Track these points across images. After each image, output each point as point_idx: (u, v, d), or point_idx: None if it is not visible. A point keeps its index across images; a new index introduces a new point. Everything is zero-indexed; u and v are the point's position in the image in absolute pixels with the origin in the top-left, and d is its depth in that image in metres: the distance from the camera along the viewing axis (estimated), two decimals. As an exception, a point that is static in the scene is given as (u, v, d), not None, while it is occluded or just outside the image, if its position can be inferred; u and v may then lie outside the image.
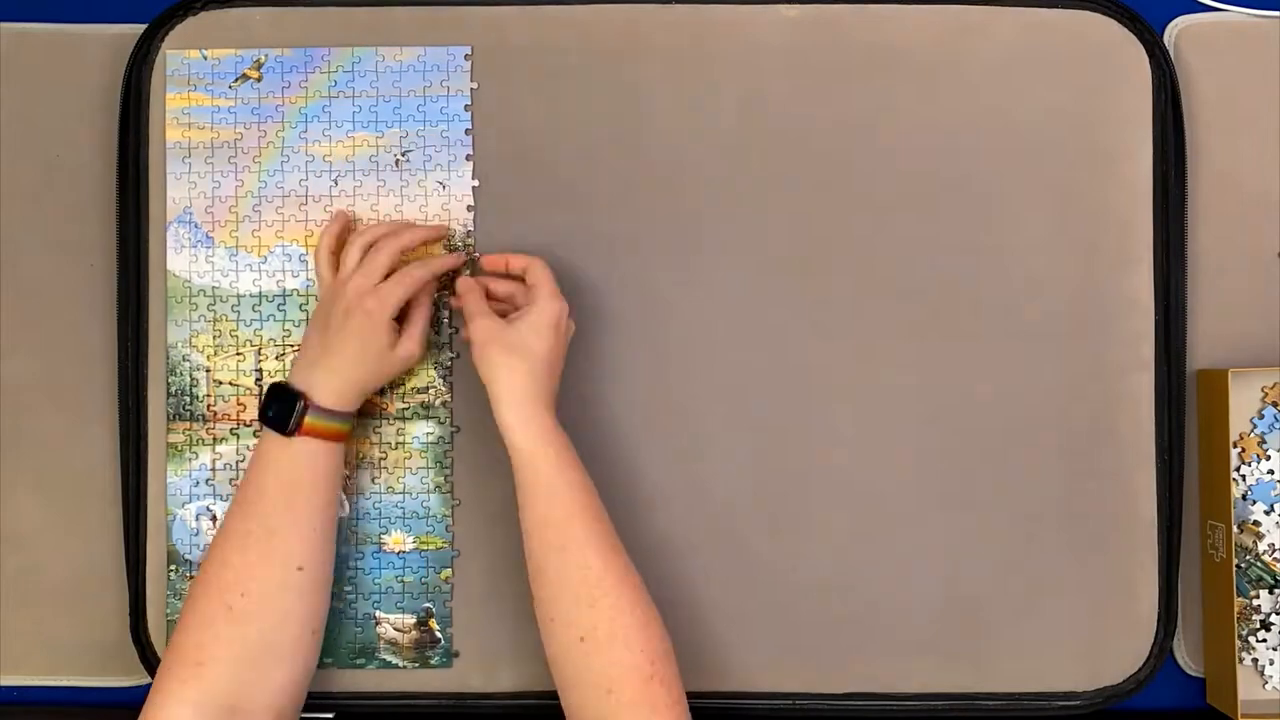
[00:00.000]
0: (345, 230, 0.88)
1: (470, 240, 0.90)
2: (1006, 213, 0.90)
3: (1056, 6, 0.90)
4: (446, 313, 0.90)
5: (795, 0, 0.90)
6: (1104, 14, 0.90)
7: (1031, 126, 0.90)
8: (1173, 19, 0.92)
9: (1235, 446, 0.89)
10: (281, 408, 0.81)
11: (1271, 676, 0.89)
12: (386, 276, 0.83)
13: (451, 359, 0.90)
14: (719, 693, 0.87)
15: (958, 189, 0.90)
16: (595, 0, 0.90)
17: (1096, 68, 0.90)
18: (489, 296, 0.86)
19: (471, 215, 0.90)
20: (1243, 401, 0.89)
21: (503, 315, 0.84)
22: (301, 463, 0.81)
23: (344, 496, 0.89)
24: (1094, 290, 0.90)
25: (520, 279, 0.86)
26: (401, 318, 0.84)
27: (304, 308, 0.90)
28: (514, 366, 0.80)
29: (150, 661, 0.90)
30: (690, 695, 0.88)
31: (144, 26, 0.90)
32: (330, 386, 0.82)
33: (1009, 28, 0.90)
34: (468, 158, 0.90)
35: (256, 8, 0.90)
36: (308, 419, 0.80)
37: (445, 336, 0.90)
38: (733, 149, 0.90)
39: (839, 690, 0.89)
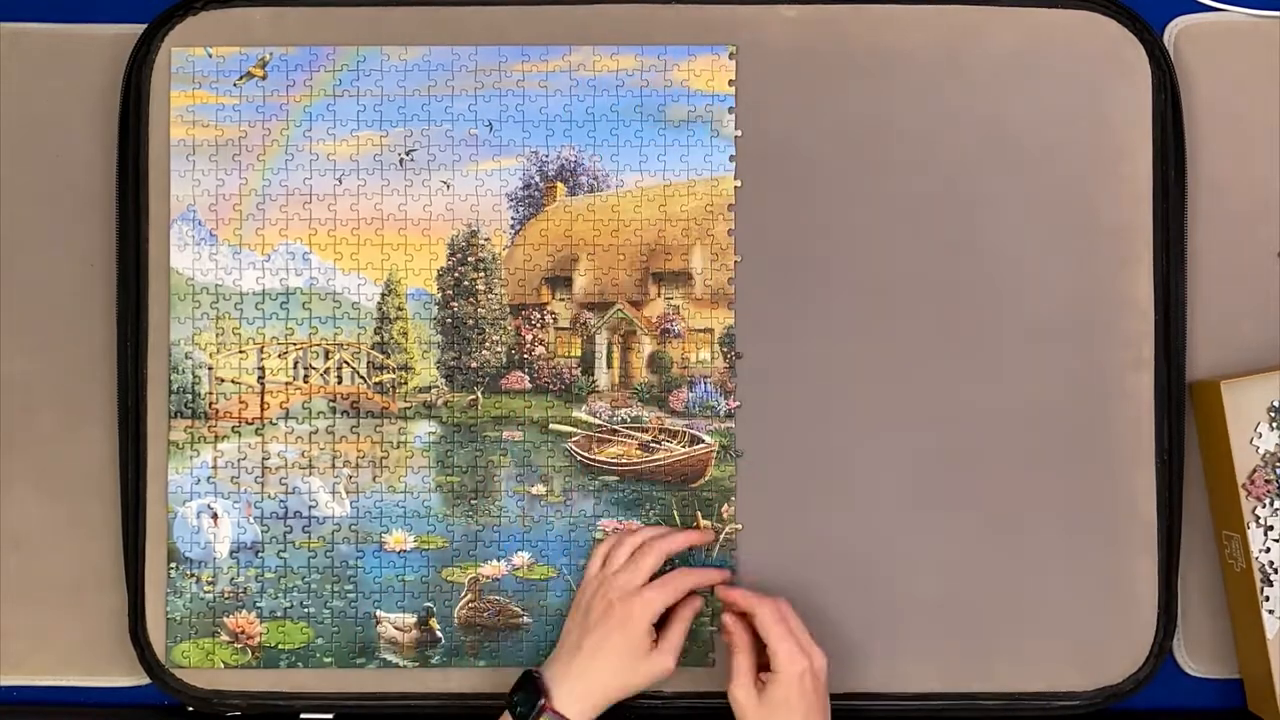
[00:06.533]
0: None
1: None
2: (1006, 212, 0.90)
3: (1056, 6, 0.90)
4: None
5: (795, 0, 0.91)
6: (1104, 14, 0.90)
7: (1031, 126, 0.91)
8: (1173, 19, 0.92)
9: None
10: (525, 700, 0.81)
11: None
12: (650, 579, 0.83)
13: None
14: (719, 692, 0.86)
15: (957, 189, 0.90)
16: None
17: (1096, 68, 0.90)
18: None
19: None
20: (1245, 402, 0.88)
21: None
22: None
23: (344, 495, 0.89)
24: (1093, 291, 0.90)
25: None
26: (659, 625, 0.84)
27: (307, 306, 0.90)
28: None
29: (150, 661, 0.89)
30: (689, 695, 0.89)
31: (144, 26, 0.90)
32: (575, 691, 0.81)
33: (1009, 28, 0.90)
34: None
35: (256, 7, 0.90)
36: None
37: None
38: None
39: (839, 690, 0.89)
